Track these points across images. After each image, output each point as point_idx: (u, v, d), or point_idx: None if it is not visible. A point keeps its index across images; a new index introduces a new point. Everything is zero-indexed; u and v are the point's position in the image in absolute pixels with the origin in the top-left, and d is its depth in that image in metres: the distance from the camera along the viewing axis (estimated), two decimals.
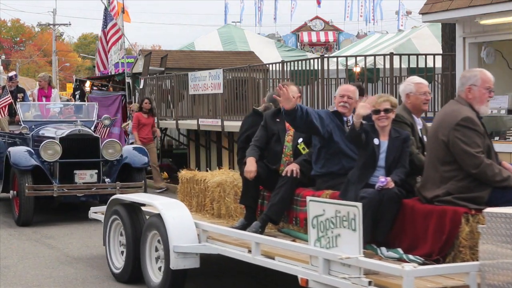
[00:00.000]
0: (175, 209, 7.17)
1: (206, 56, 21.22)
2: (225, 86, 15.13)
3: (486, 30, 9.90)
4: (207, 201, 8.37)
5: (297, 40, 42.79)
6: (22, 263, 9.02)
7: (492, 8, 9.28)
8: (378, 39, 23.22)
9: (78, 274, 8.36)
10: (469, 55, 10.17)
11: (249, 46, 23.27)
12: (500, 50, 10.22)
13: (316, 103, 12.92)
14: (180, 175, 9.15)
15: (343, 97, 6.81)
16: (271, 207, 6.94)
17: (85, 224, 11.68)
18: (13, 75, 15.55)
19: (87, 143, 12.20)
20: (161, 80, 18.94)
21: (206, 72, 15.84)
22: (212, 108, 16.42)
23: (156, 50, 30.24)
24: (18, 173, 11.75)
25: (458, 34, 10.38)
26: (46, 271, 8.54)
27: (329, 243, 5.49)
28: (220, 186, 8.12)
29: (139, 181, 12.14)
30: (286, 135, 7.26)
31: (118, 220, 7.95)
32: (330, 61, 14.28)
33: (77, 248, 9.92)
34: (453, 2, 9.87)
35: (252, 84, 14.57)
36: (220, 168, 9.41)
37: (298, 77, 13.71)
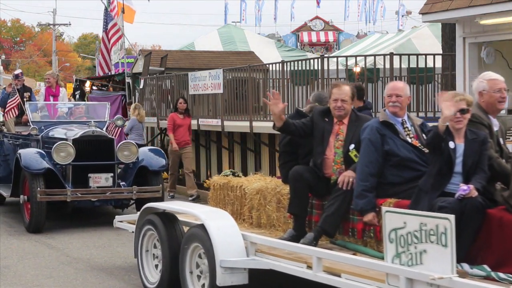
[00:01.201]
0: (220, 219, 6.51)
1: (206, 56, 21.22)
2: (225, 86, 15.13)
3: (486, 30, 9.90)
4: (245, 209, 7.77)
5: (297, 40, 42.79)
6: (22, 263, 9.02)
7: (492, 8, 9.28)
8: (378, 39, 23.22)
9: (78, 274, 8.36)
10: (469, 55, 10.17)
11: (249, 46, 23.28)
12: (500, 50, 10.22)
13: None
14: (211, 181, 8.58)
15: (391, 97, 6.33)
16: (326, 219, 6.39)
17: (85, 224, 11.70)
18: (19, 72, 14.78)
19: (102, 145, 11.55)
20: (161, 80, 18.93)
21: (206, 72, 15.83)
22: (212, 108, 16.42)
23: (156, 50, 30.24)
24: (29, 176, 11.08)
25: (458, 34, 10.38)
26: (46, 271, 8.53)
27: (412, 260, 4.92)
28: (259, 193, 7.55)
29: (156, 185, 11.52)
30: (335, 140, 6.67)
31: (152, 230, 7.26)
32: (330, 61, 14.28)
33: (77, 248, 9.92)
34: (453, 2, 9.87)
35: (252, 84, 14.57)
36: (255, 173, 8.85)
37: (298, 77, 13.72)
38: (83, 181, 11.23)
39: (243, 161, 15.76)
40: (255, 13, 40.62)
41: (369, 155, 6.16)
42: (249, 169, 15.31)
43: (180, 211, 7.24)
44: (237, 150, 16.05)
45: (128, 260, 9.01)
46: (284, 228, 7.09)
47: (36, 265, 8.88)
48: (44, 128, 12.60)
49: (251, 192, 7.64)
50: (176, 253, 6.80)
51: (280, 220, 7.24)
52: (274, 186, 7.38)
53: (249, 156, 15.64)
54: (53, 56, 60.20)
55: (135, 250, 7.57)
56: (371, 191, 6.09)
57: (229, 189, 8.08)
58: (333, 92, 6.70)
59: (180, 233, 6.97)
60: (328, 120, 6.72)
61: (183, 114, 14.98)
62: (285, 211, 7.02)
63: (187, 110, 15.11)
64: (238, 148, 15.96)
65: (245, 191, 7.76)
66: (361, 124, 6.55)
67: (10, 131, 13.92)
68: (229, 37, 24.17)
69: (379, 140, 6.17)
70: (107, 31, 23.09)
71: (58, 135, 11.96)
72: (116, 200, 11.42)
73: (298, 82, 13.81)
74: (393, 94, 6.34)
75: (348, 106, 6.69)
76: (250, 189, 7.65)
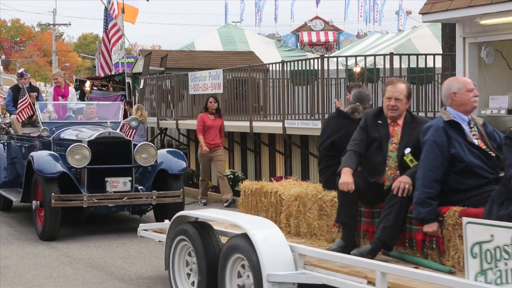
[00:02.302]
0: (265, 228, 5.93)
1: (206, 56, 21.23)
2: (225, 86, 15.13)
3: (486, 30, 9.88)
4: (282, 217, 7.27)
5: (297, 40, 42.79)
6: (22, 263, 9.01)
7: (492, 8, 9.27)
8: (378, 39, 23.23)
9: (78, 274, 8.36)
10: (469, 55, 10.15)
11: (249, 46, 23.29)
12: (500, 50, 10.20)
13: (316, 103, 12.92)
14: (242, 186, 8.07)
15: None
16: (384, 230, 5.84)
17: (85, 224, 11.69)
18: (23, 70, 13.99)
19: (118, 147, 10.87)
20: (161, 80, 18.94)
21: (206, 72, 15.84)
22: None
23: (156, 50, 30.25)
24: (43, 181, 10.40)
25: (458, 34, 10.37)
26: (46, 271, 8.53)
27: (501, 278, 4.46)
28: (298, 199, 7.06)
29: (177, 189, 10.88)
30: (389, 143, 6.13)
31: (185, 241, 6.74)
32: (330, 61, 14.28)
33: (77, 248, 9.91)
34: (453, 2, 9.86)
35: (252, 84, 14.57)
36: (286, 178, 8.30)
37: (298, 77, 13.72)
38: (99, 185, 10.60)
39: (243, 161, 15.76)
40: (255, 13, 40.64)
41: (434, 159, 5.62)
42: (249, 169, 15.32)
43: (219, 220, 6.67)
44: (237, 150, 16.06)
45: (128, 260, 9.02)
46: (327, 238, 6.72)
47: (36, 265, 8.88)
48: (55, 129, 12.02)
49: (288, 199, 7.17)
50: (214, 265, 6.31)
51: (322, 228, 6.80)
52: (314, 192, 6.92)
53: (249, 156, 15.64)
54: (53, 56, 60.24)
55: (166, 262, 7.03)
56: (435, 198, 5.60)
57: (262, 195, 7.62)
58: (387, 89, 6.16)
59: (217, 243, 6.45)
60: (382, 123, 6.17)
61: (213, 115, 13.81)
62: (328, 219, 6.65)
63: (218, 110, 13.94)
64: (238, 148, 15.97)
65: (281, 197, 7.30)
66: (418, 126, 6.07)
67: (17, 132, 13.43)
68: (229, 37, 24.18)
69: (445, 143, 5.64)
70: (107, 31, 23.10)
71: (71, 137, 11.40)
72: (134, 205, 10.80)
73: (298, 82, 13.81)
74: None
75: (403, 106, 6.15)
76: (288, 195, 7.19)
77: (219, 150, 13.82)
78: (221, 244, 6.41)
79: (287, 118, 13.20)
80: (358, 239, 6.31)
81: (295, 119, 13.26)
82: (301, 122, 12.69)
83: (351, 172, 6.00)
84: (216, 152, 13.69)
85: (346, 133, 6.60)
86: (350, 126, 6.61)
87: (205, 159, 13.76)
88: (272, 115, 14.46)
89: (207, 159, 13.77)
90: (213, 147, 13.65)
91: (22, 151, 12.91)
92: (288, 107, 13.61)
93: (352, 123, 6.66)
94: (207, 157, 13.70)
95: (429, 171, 5.62)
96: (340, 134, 6.74)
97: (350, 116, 6.79)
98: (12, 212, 13.12)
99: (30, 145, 12.56)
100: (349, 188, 5.93)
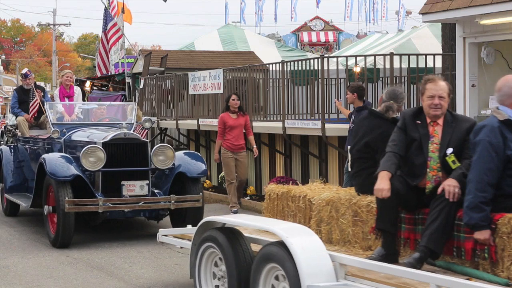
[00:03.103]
0: (303, 236, 5.54)
1: (206, 56, 21.25)
2: (225, 86, 15.13)
3: (486, 30, 9.89)
4: (312, 222, 6.85)
5: (297, 40, 42.76)
6: (22, 263, 9.01)
7: (492, 8, 9.27)
8: (378, 39, 23.23)
9: (78, 274, 8.36)
10: (469, 55, 10.16)
11: (249, 46, 23.30)
12: (500, 50, 10.21)
13: (316, 103, 12.92)
14: (267, 190, 7.65)
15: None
16: (431, 237, 5.44)
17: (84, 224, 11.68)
18: (27, 71, 13.44)
19: (134, 149, 10.37)
20: (161, 80, 18.94)
21: (206, 72, 15.84)
22: (212, 108, 16.43)
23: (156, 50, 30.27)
24: (56, 184, 9.86)
25: (458, 34, 10.37)
26: (46, 271, 8.53)
27: None
28: (330, 204, 6.67)
29: (196, 193, 10.35)
30: (429, 143, 5.78)
31: (213, 248, 6.37)
32: (330, 61, 14.28)
33: (77, 248, 9.91)
34: (453, 2, 9.86)
35: (252, 84, 14.57)
36: (315, 181, 7.86)
37: (298, 77, 13.72)
38: (114, 189, 10.09)
39: None
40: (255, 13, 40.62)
41: (489, 161, 5.27)
42: (249, 169, 15.31)
43: (251, 227, 6.35)
44: None
45: (129, 260, 9.02)
46: (362, 245, 6.36)
47: (36, 265, 8.88)
48: (66, 130, 11.48)
49: (319, 204, 6.77)
50: (245, 274, 5.96)
51: (357, 235, 6.41)
52: (348, 197, 6.52)
53: (249, 156, 15.63)
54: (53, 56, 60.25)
55: (192, 270, 6.66)
56: (489, 204, 5.24)
57: (289, 199, 7.23)
58: (428, 88, 5.79)
59: (247, 251, 6.11)
60: (421, 122, 5.83)
61: (236, 113, 12.61)
62: (363, 226, 6.29)
63: (241, 107, 12.76)
64: None
65: (311, 202, 6.91)
66: (459, 125, 5.79)
67: (25, 134, 12.88)
68: (229, 37, 24.19)
69: (501, 144, 5.30)
70: (107, 31, 23.10)
71: (84, 138, 10.89)
72: (151, 210, 10.29)
73: (298, 82, 13.81)
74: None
75: (446, 104, 5.81)
76: (318, 200, 6.77)
77: (243, 152, 12.60)
78: (252, 251, 6.10)
79: (287, 118, 13.20)
80: (398, 247, 5.94)
81: (295, 119, 13.26)
82: (301, 122, 12.69)
83: (389, 177, 5.62)
84: (239, 155, 12.49)
85: (380, 133, 6.37)
86: (383, 126, 6.41)
87: (229, 159, 12.45)
88: (272, 115, 14.45)
89: (231, 160, 12.46)
90: (237, 148, 12.48)
91: (31, 154, 12.51)
92: (288, 107, 13.61)
93: (385, 122, 6.47)
94: (230, 158, 12.46)
95: (483, 174, 5.27)
96: (374, 135, 6.45)
97: (384, 116, 6.52)
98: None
99: (39, 148, 12.08)
100: (384, 195, 5.57)
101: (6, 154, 12.99)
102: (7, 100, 58.34)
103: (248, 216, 7.16)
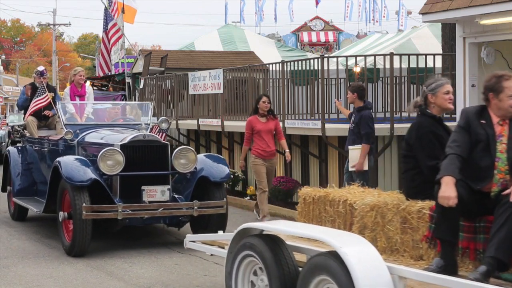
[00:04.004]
0: (358, 245, 5.09)
1: (206, 56, 21.26)
2: (225, 86, 15.13)
3: (486, 30, 9.89)
4: (354, 229, 6.37)
5: (297, 40, 42.79)
6: (22, 263, 9.01)
7: (492, 8, 9.28)
8: (378, 39, 23.24)
9: (78, 274, 8.35)
10: (469, 55, 10.17)
11: (249, 46, 23.31)
12: (500, 50, 10.22)
13: (316, 103, 12.92)
14: (301, 193, 7.21)
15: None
16: (499, 246, 4.93)
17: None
18: (43, 69, 12.91)
19: (154, 152, 9.76)
20: (161, 80, 18.95)
21: (206, 72, 15.84)
22: (212, 108, 16.44)
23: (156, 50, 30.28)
24: (72, 189, 9.22)
25: (458, 34, 10.38)
26: (46, 271, 8.53)
27: None
28: (375, 209, 6.19)
29: (220, 199, 9.75)
30: (497, 143, 5.36)
31: (252, 257, 5.90)
32: (330, 61, 14.28)
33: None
34: (453, 2, 9.87)
35: (252, 84, 14.58)
36: (352, 184, 7.36)
37: (298, 77, 13.73)
38: (132, 194, 9.51)
39: None
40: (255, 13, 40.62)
41: None
42: (249, 169, 15.30)
43: (298, 235, 5.90)
44: (237, 150, 16.04)
45: (129, 260, 9.02)
46: (412, 254, 5.88)
47: (36, 265, 8.87)
48: (79, 131, 10.84)
49: (362, 209, 6.30)
50: (289, 285, 5.56)
51: (406, 244, 5.93)
52: (396, 202, 6.04)
53: (249, 156, 15.61)
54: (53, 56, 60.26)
55: (227, 279, 6.23)
56: None
57: (328, 204, 6.79)
58: (507, 86, 5.36)
59: (292, 261, 5.66)
60: (486, 122, 5.42)
61: (265, 117, 11.62)
62: (414, 233, 5.83)
63: (271, 110, 11.79)
64: (238, 148, 15.95)
65: (352, 207, 6.46)
66: None
67: (33, 135, 12.30)
68: (229, 37, 24.21)
69: None
70: (107, 31, 23.12)
71: (99, 140, 10.26)
72: (171, 217, 9.67)
73: (298, 82, 13.81)
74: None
75: None
76: (362, 205, 6.32)
77: (274, 159, 11.77)
78: (295, 261, 5.69)
79: (287, 118, 13.21)
80: None
81: (295, 119, 13.26)
82: (301, 122, 12.70)
83: (454, 182, 5.10)
84: (270, 162, 11.65)
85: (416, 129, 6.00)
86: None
87: (260, 167, 11.54)
88: None
89: (262, 167, 11.53)
90: (268, 155, 11.58)
91: (40, 156, 11.93)
92: (288, 107, 13.62)
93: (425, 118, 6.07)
94: (262, 165, 11.55)
95: None
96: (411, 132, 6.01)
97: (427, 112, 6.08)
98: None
99: (50, 150, 11.45)
100: (451, 203, 5.05)
101: (14, 156, 12.46)
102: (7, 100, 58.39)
103: (290, 223, 6.68)
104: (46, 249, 9.88)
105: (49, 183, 10.16)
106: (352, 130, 10.51)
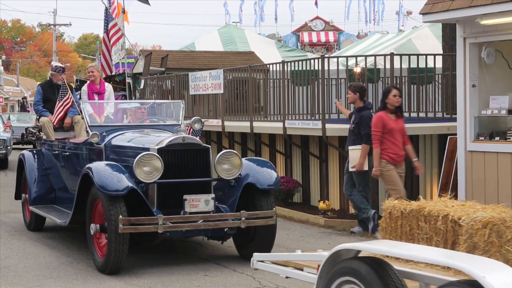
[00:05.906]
0: (503, 273, 4.29)
1: (206, 56, 21.26)
2: (225, 86, 15.14)
3: (487, 30, 9.88)
4: (461, 249, 5.61)
5: (298, 40, 42.80)
6: (22, 263, 9.01)
7: (492, 8, 9.27)
8: (379, 39, 23.23)
9: (78, 274, 8.35)
10: (470, 55, 10.15)
11: (249, 46, 23.30)
12: (501, 50, 10.20)
13: (317, 103, 12.92)
14: (386, 206, 6.42)
15: None
16: None
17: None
18: (63, 65, 12.04)
19: (195, 156, 8.77)
20: (162, 80, 18.96)
21: (207, 72, 15.85)
22: (213, 108, 16.44)
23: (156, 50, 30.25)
24: (106, 200, 8.19)
25: (459, 34, 10.37)
26: (47, 271, 8.53)
27: None
28: (489, 227, 5.48)
29: (268, 208, 8.67)
30: None
31: (354, 284, 4.95)
32: (331, 61, 14.28)
33: (78, 248, 9.91)
34: (453, 2, 9.86)
35: (253, 84, 14.58)
36: (441, 196, 6.67)
37: (299, 77, 13.73)
38: (170, 204, 8.54)
39: None
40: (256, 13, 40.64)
41: None
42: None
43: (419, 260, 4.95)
44: (238, 150, 16.03)
45: (129, 260, 9.01)
46: None
47: (37, 265, 8.88)
48: (106, 134, 9.79)
49: (471, 226, 5.56)
50: None
51: None
52: None
53: (249, 156, 15.64)
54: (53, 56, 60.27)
55: None
56: None
57: (422, 219, 6.00)
58: None
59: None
60: None
61: (394, 114, 10.11)
62: None
63: (399, 107, 10.21)
64: (239, 148, 15.96)
65: (456, 223, 5.70)
66: None
67: (50, 138, 11.34)
68: (230, 37, 24.20)
69: None
70: (108, 32, 23.12)
71: (131, 144, 9.25)
72: (215, 229, 8.59)
73: (299, 82, 13.81)
74: None
75: None
76: (471, 222, 5.56)
77: (402, 165, 10.10)
78: None
79: (287, 118, 13.21)
80: None
81: (295, 119, 13.26)
82: (301, 122, 12.69)
83: None
84: (401, 168, 10.06)
85: None
86: None
87: (393, 172, 9.98)
88: (273, 115, 14.46)
89: (395, 172, 10.00)
90: (400, 160, 10.02)
91: (60, 161, 10.83)
92: (289, 107, 13.61)
93: None
94: (394, 170, 10.00)
95: None
96: None
97: None
98: (12, 212, 13.06)
99: (72, 154, 10.46)
100: None
101: (29, 161, 11.43)
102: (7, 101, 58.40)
103: (396, 243, 5.66)
104: (47, 249, 9.88)
105: (77, 192, 9.11)
106: (352, 130, 10.51)
